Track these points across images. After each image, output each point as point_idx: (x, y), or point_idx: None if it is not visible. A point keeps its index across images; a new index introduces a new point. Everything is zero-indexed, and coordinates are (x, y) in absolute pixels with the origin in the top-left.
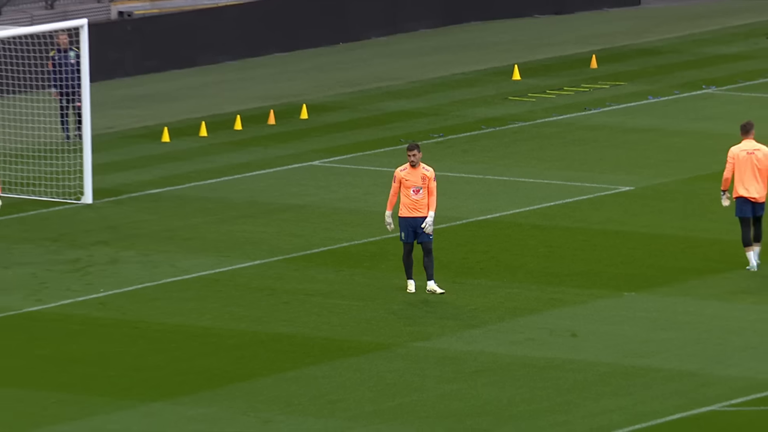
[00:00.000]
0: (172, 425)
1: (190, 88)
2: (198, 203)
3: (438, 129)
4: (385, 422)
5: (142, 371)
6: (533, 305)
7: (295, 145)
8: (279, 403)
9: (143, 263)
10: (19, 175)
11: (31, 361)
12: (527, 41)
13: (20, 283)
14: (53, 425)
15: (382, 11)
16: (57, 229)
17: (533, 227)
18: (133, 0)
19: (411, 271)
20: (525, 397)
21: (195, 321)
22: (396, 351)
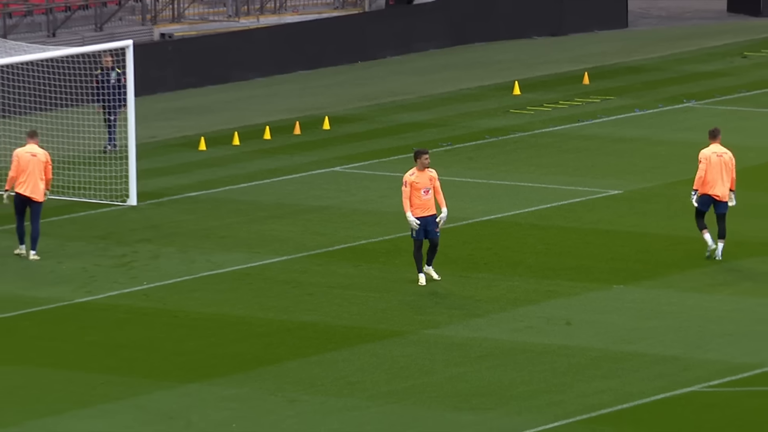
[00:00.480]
0: (208, 404)
1: (224, 102)
2: (231, 205)
3: (446, 138)
4: (399, 401)
5: (181, 355)
6: (532, 297)
7: (318, 152)
8: (304, 384)
9: (182, 258)
10: (71, 179)
11: (82, 346)
12: (526, 60)
13: (72, 276)
14: (101, 404)
15: (396, 33)
16: (105, 228)
17: (532, 227)
18: (174, 23)
19: (422, 266)
20: (524, 379)
21: (228, 310)
22: (408, 338)
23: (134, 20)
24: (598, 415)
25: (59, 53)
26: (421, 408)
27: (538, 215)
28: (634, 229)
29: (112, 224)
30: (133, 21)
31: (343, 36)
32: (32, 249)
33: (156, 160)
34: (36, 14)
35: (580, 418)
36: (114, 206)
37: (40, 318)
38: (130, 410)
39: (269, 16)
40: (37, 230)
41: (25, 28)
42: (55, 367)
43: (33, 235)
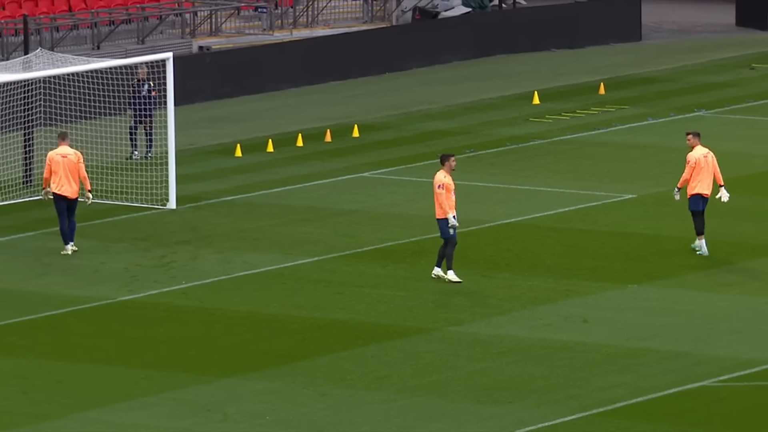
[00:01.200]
0: (243, 397)
1: (259, 111)
2: (265, 208)
3: (469, 145)
4: (425, 395)
5: (218, 351)
6: (550, 296)
7: (348, 159)
8: (334, 379)
9: (219, 259)
10: (114, 184)
11: (124, 342)
12: (545, 71)
13: (115, 276)
14: (142, 397)
15: (422, 46)
16: (146, 230)
17: (550, 229)
18: (212, 36)
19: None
20: (543, 374)
21: (262, 308)
22: (433, 334)
23: (174, 34)
24: (614, 408)
25: (103, 65)
26: (446, 401)
27: (556, 218)
28: (648, 232)
29: (153, 227)
30: (173, 34)
31: (372, 48)
32: (71, 240)
33: (194, 166)
34: (81, 28)
35: (596, 411)
36: (154, 210)
37: (84, 315)
38: (169, 403)
39: (302, 30)
40: (73, 224)
41: (71, 41)
42: (98, 362)
43: (70, 227)
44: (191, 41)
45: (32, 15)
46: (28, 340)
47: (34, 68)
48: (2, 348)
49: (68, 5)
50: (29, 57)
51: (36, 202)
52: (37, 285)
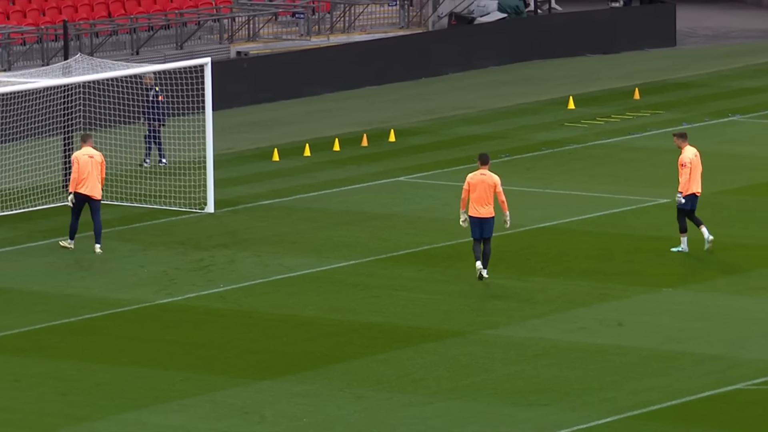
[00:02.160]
0: (280, 399)
1: (296, 116)
2: (302, 212)
3: (505, 150)
4: (460, 398)
5: (255, 354)
6: (585, 299)
7: (385, 163)
8: (370, 381)
9: (256, 263)
10: (153, 188)
11: (162, 345)
12: (580, 76)
13: (153, 279)
14: (180, 399)
15: (458, 51)
16: (184, 234)
17: (585, 233)
18: (249, 42)
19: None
20: (578, 377)
21: (299, 311)
22: (469, 337)
23: (212, 39)
24: (648, 411)
25: (141, 70)
26: (481, 404)
27: (591, 222)
28: None
29: (191, 230)
30: (211, 40)
31: (408, 54)
32: (97, 243)
33: (232, 170)
34: (121, 33)
35: (630, 414)
36: (193, 213)
37: (124, 318)
38: (207, 405)
39: (339, 35)
40: (99, 225)
41: (111, 47)
42: (137, 364)
43: (96, 230)
44: (229, 46)
45: (72, 21)
46: (68, 342)
47: (73, 73)
48: (42, 350)
49: (108, 11)
50: (69, 62)
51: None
52: (76, 288)
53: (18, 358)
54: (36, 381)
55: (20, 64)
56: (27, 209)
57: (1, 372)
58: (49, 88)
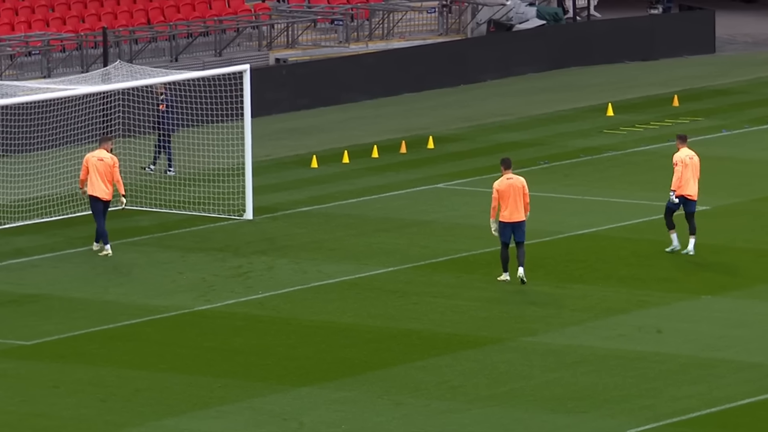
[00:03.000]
0: (319, 406)
1: (335, 123)
2: (341, 219)
3: (543, 157)
4: (499, 405)
5: (294, 360)
6: (624, 306)
7: (423, 170)
8: (409, 388)
9: (295, 269)
10: (192, 195)
11: (201, 351)
12: (619, 83)
13: (192, 285)
14: (219, 406)
15: (497, 58)
16: (223, 240)
17: (624, 240)
18: (288, 48)
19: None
20: (617, 384)
21: (338, 318)
22: (508, 344)
23: (251, 46)
24: (688, 418)
25: (180, 77)
26: (520, 411)
27: (630, 229)
28: (722, 243)
29: (230, 237)
30: (250, 47)
31: (447, 60)
32: (95, 242)
33: (271, 177)
34: (160, 40)
35: (670, 422)
36: (231, 220)
37: (162, 325)
38: (246, 412)
39: (377, 42)
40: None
41: (150, 54)
42: (176, 371)
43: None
44: (268, 53)
45: (111, 27)
46: (107, 349)
47: (112, 80)
48: (81, 357)
49: (147, 18)
50: (108, 69)
51: (115, 213)
52: (115, 294)
53: (57, 364)
54: (75, 387)
55: (59, 71)
56: (66, 216)
57: (41, 378)
58: (88, 95)
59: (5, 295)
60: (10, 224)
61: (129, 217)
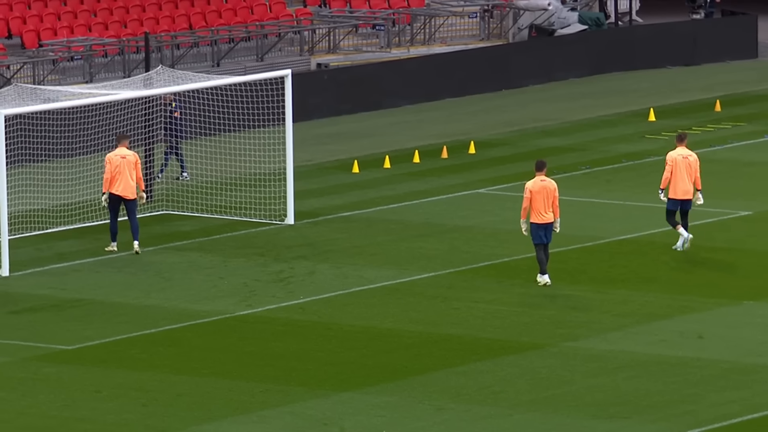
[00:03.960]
0: (360, 411)
1: (377, 128)
2: (382, 224)
3: (585, 162)
4: (540, 410)
5: (335, 365)
6: (665, 311)
7: (464, 175)
8: (450, 393)
9: (336, 274)
10: (233, 200)
11: (242, 356)
12: (661, 88)
13: (233, 290)
14: (260, 410)
15: (539, 64)
16: (264, 245)
17: (666, 245)
18: (330, 53)
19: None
20: (659, 390)
21: (379, 323)
22: (549, 350)
23: (293, 51)
24: (729, 424)
25: (222, 82)
26: (561, 416)
27: (672, 234)
28: (763, 248)
29: (271, 242)
30: (292, 52)
31: (489, 66)
32: (135, 240)
33: (312, 182)
34: (201, 45)
35: (711, 427)
36: (272, 225)
37: (203, 329)
38: (287, 417)
39: (419, 47)
40: (136, 224)
41: (192, 59)
42: (217, 375)
43: (133, 229)
44: (309, 58)
45: (153, 33)
46: (148, 353)
47: (154, 85)
48: (123, 361)
49: (189, 23)
50: (150, 74)
51: (156, 218)
52: (157, 299)
53: (99, 369)
54: (117, 392)
55: (102, 76)
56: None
57: (83, 383)
58: (130, 100)
59: (47, 300)
60: (53, 229)
61: (171, 222)
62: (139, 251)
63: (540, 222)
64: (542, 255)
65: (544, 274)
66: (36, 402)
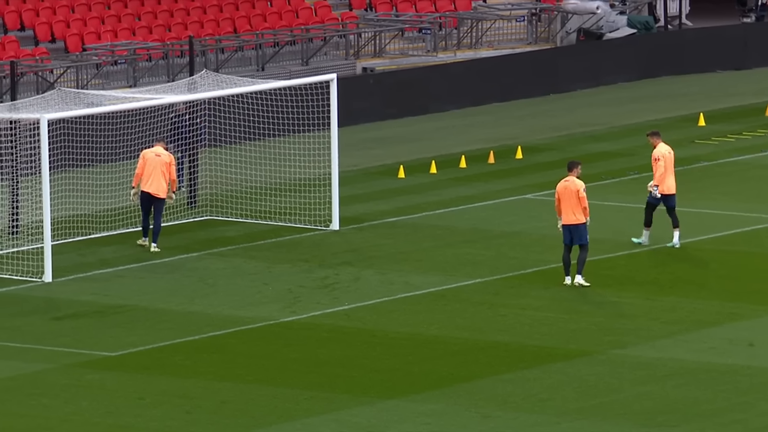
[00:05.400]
0: (406, 419)
1: (423, 132)
2: (428, 230)
3: (633, 167)
4: (587, 418)
5: (380, 373)
6: (715, 318)
7: (511, 180)
8: (496, 401)
9: (381, 280)
10: (278, 205)
11: (286, 363)
12: (711, 92)
13: (278, 297)
14: (305, 418)
15: (587, 67)
16: (309, 251)
17: (716, 252)
18: (376, 58)
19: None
20: (708, 398)
21: (424, 330)
22: (597, 357)
23: (338, 55)
24: None
25: (267, 86)
26: (609, 424)
27: (721, 241)
28: None
29: (316, 248)
30: (337, 56)
31: (536, 70)
32: (153, 242)
33: (357, 187)
34: (246, 49)
35: None
36: (317, 231)
37: (248, 336)
38: (332, 424)
39: (466, 51)
40: (158, 225)
41: (236, 63)
42: (262, 382)
43: (155, 230)
44: (355, 62)
45: (198, 36)
46: (192, 360)
47: (199, 89)
48: (166, 368)
49: (233, 27)
50: (194, 78)
51: (199, 224)
52: (201, 305)
53: (142, 375)
54: (160, 399)
55: (146, 80)
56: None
57: (126, 390)
58: (175, 104)
59: (90, 306)
60: (96, 234)
61: (215, 228)
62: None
63: (564, 223)
64: (566, 256)
65: (566, 276)
66: (79, 409)
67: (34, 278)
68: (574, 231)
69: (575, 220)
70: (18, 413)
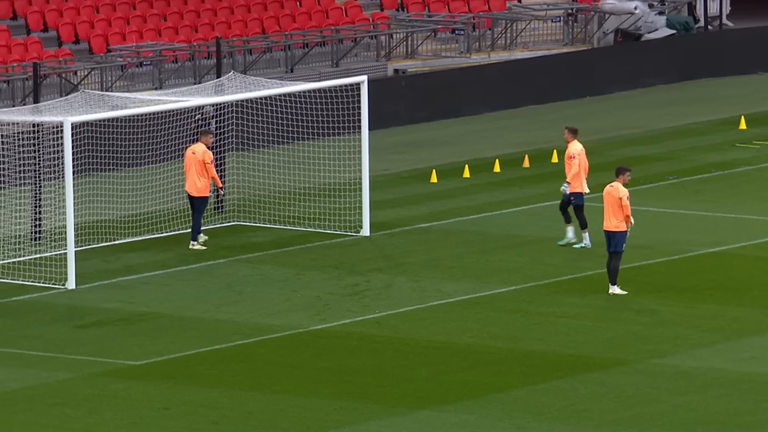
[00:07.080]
0: (438, 430)
1: (456, 136)
2: (461, 236)
3: (673, 172)
4: (625, 429)
5: (412, 382)
6: (757, 327)
7: (547, 185)
8: (532, 412)
9: (413, 288)
10: (307, 210)
11: (316, 372)
12: (752, 95)
13: (307, 304)
14: (335, 429)
15: (625, 70)
16: (339, 257)
17: (757, 258)
18: (407, 59)
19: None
20: (749, 409)
21: (458, 339)
22: (634, 366)
23: (369, 56)
24: None
25: (296, 88)
26: None
27: (763, 247)
28: None
29: (346, 254)
30: (368, 57)
31: (572, 71)
32: (192, 239)
33: (389, 192)
34: (275, 51)
35: None
36: (348, 237)
37: (276, 344)
38: None
39: (500, 53)
40: (194, 223)
41: (264, 64)
42: (290, 392)
43: (192, 226)
44: (386, 64)
45: (225, 37)
46: (219, 369)
47: (226, 92)
48: (193, 377)
49: (261, 27)
50: (221, 80)
51: (227, 229)
52: (228, 313)
53: (167, 385)
54: (186, 409)
55: (172, 82)
56: (177, 231)
57: (151, 399)
58: (201, 106)
59: (115, 314)
60: (121, 240)
61: (242, 234)
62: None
63: (605, 228)
64: (608, 263)
65: (612, 285)
66: (103, 419)
67: (57, 285)
68: (611, 238)
69: (612, 227)
70: (40, 423)
